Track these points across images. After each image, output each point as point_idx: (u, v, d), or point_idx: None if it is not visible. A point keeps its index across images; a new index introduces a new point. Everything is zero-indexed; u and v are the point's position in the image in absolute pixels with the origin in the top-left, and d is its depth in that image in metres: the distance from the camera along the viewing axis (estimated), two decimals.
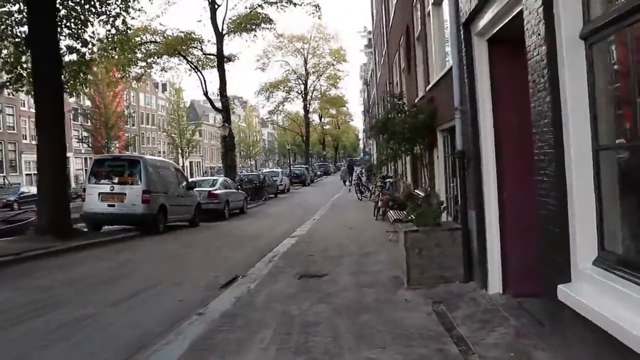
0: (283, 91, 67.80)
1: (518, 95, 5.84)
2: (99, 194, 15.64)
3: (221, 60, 30.24)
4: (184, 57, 30.43)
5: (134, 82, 34.09)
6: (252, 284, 8.50)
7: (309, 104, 70.33)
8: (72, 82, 16.95)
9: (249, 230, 18.13)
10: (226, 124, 28.77)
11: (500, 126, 6.75)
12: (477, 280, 7.31)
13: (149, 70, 31.04)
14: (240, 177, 34.59)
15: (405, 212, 14.06)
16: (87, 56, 16.89)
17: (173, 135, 77.49)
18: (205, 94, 30.36)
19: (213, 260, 11.49)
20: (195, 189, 20.18)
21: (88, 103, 56.55)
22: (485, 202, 6.93)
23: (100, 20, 16.53)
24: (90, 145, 56.93)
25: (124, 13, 16.69)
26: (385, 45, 24.60)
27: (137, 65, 28.89)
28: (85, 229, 15.99)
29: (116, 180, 15.85)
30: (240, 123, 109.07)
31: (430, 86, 11.31)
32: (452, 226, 8.24)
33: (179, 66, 31.58)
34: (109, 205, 15.51)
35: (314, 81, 69.03)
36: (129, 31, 17.86)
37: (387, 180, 22.91)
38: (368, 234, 14.62)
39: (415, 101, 12.62)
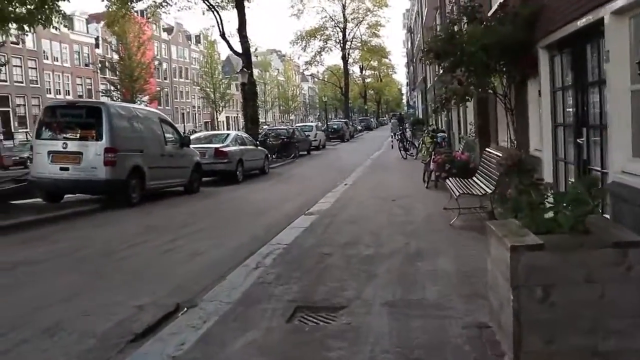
0: (320, 40, 62.61)
1: None
2: (49, 153, 11.55)
3: None
4: None
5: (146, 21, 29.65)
6: (188, 339, 4.24)
7: (348, 54, 64.88)
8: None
9: (257, 201, 13.89)
10: (245, 69, 24.30)
11: None
12: None
13: (158, 8, 26.60)
14: (266, 132, 30.34)
15: (472, 181, 9.60)
16: None
17: (206, 89, 73.48)
18: (222, 35, 25.84)
19: (167, 262, 7.20)
20: (192, 146, 15.95)
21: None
22: None
23: None
24: (115, 99, 53.36)
25: None
26: None
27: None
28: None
29: (70, 134, 11.71)
30: (279, 77, 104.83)
31: None
32: (617, 234, 3.75)
33: (193, 3, 27.12)
34: (61, 169, 11.42)
35: (352, 29, 63.51)
36: None
37: (439, 134, 18.29)
38: (418, 212, 10.20)
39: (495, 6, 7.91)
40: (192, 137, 20.60)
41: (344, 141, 46.03)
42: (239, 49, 25.96)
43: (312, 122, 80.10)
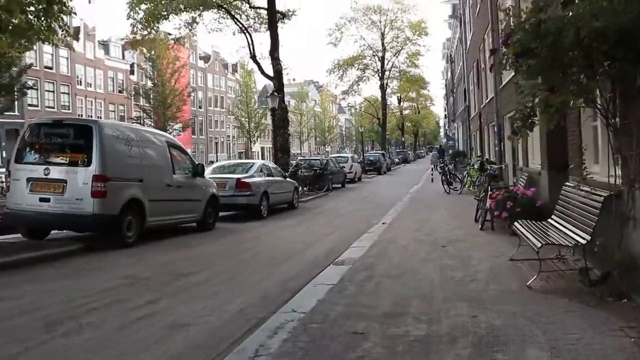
0: (357, 69, 60.63)
1: None
2: (28, 180, 9.63)
3: (273, 14, 23.88)
4: (228, 12, 24.35)
5: (174, 43, 28.13)
6: None
7: (387, 84, 62.69)
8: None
9: (279, 242, 11.77)
10: (275, 93, 22.41)
11: None
12: None
13: (189, 31, 25.12)
14: (297, 163, 28.35)
15: (548, 225, 7.40)
16: None
17: (241, 118, 72.38)
18: (253, 56, 24.13)
19: (129, 342, 4.99)
20: (211, 176, 14.04)
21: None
22: None
23: None
24: (147, 126, 52.37)
25: None
26: None
27: (167, 19, 23.06)
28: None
29: (54, 158, 9.76)
30: (316, 108, 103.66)
31: None
32: None
33: (225, 25, 25.53)
34: (41, 200, 9.41)
35: (391, 58, 61.48)
36: None
37: (491, 166, 15.99)
38: (477, 263, 7.95)
39: None
40: (213, 166, 18.82)
41: (380, 174, 43.79)
42: (270, 72, 24.20)
43: (347, 153, 78.29)
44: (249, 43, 24.32)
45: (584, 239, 6.21)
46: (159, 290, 6.88)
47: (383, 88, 61.36)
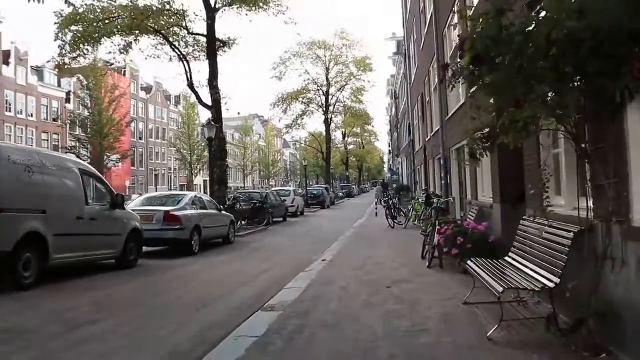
0: (302, 103, 59.97)
1: None
2: None
3: (212, 42, 22.80)
4: (165, 38, 23.15)
5: (107, 70, 26.50)
6: None
7: (331, 118, 62.19)
8: None
9: (206, 282, 10.46)
10: (212, 122, 21.22)
11: None
12: None
13: (122, 55, 23.67)
14: (235, 196, 27.11)
15: (505, 264, 6.54)
16: None
17: (183, 151, 70.62)
18: (191, 85, 22.83)
19: None
20: (139, 208, 12.73)
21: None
22: None
23: None
24: (81, 157, 49.96)
25: None
26: None
27: (99, 43, 21.62)
28: None
29: None
30: (260, 142, 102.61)
31: None
32: None
33: (163, 52, 24.24)
34: None
35: (335, 92, 61.11)
36: None
37: (439, 199, 15.22)
38: (427, 308, 6.96)
39: None
40: (142, 197, 17.49)
41: (324, 208, 42.91)
42: (208, 101, 23.06)
43: (290, 187, 77.13)
44: (186, 71, 23.09)
45: (551, 281, 5.32)
46: (41, 348, 5.53)
47: (327, 122, 60.83)
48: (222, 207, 18.54)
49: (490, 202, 10.14)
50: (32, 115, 51.47)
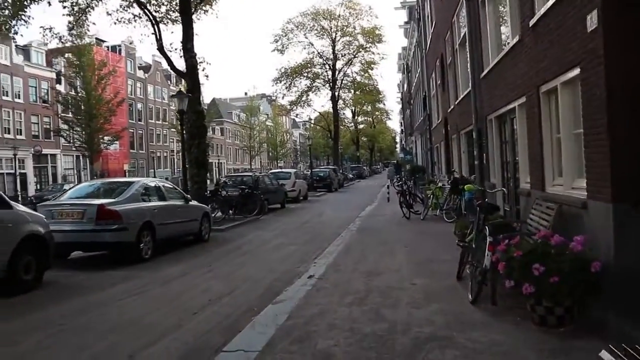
0: (307, 78, 55.70)
1: None
2: None
3: None
4: None
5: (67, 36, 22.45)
6: None
7: (339, 95, 57.73)
8: None
9: (135, 313, 6.66)
10: (183, 92, 17.32)
11: None
12: None
13: (83, 14, 19.72)
14: (220, 181, 23.27)
15: None
16: None
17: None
18: (160, 48, 18.80)
19: None
20: (61, 201, 9.00)
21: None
22: None
23: None
24: (70, 140, 46.29)
25: None
26: None
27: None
28: None
29: None
30: (268, 122, 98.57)
31: None
32: None
33: (131, 14, 20.24)
34: None
35: (342, 66, 56.58)
36: None
37: (474, 186, 11.25)
38: None
39: None
40: (76, 186, 13.72)
41: (331, 191, 38.94)
42: (182, 67, 19.16)
43: (303, 169, 73.06)
44: (155, 32, 19.04)
45: None
46: None
47: (334, 99, 56.51)
48: (206, 194, 14.66)
49: (581, 198, 6.06)
50: (19, 97, 47.75)
